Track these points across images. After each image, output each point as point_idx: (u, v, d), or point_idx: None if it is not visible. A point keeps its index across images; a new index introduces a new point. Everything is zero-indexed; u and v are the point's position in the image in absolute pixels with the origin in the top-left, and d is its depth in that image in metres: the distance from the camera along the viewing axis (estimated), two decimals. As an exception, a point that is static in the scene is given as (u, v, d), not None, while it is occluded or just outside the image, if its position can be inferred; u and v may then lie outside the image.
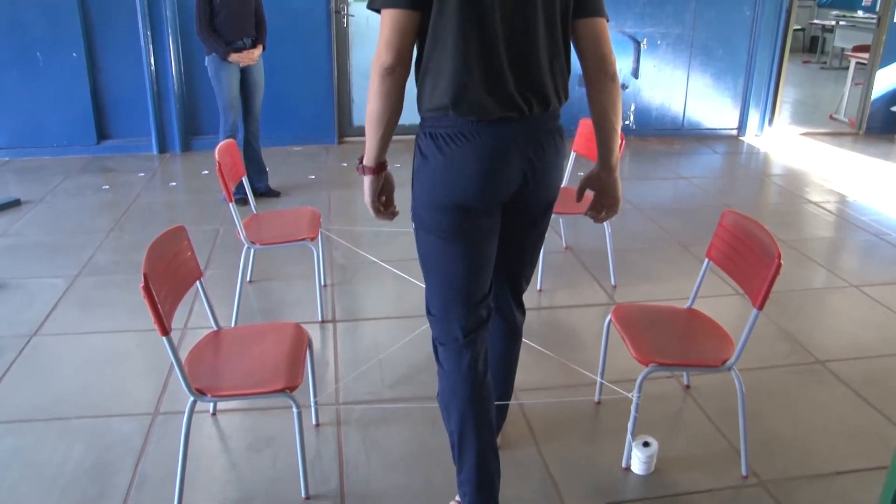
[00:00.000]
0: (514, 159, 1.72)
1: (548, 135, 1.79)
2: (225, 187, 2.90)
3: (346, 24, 6.08)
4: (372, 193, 1.84)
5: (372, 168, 1.79)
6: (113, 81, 5.88)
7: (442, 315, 1.86)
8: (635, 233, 4.36)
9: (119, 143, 6.01)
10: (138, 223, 4.41)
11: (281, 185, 5.09)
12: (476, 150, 1.68)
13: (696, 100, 6.82)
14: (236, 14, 4.35)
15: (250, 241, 3.04)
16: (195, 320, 3.18)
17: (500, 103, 1.67)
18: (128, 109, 5.95)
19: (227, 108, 4.48)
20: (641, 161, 6.08)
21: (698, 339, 2.28)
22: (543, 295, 3.49)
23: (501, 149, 1.70)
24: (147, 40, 5.72)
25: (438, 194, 1.74)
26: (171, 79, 5.84)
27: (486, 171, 1.70)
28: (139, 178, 5.34)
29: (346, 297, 3.46)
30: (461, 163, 1.69)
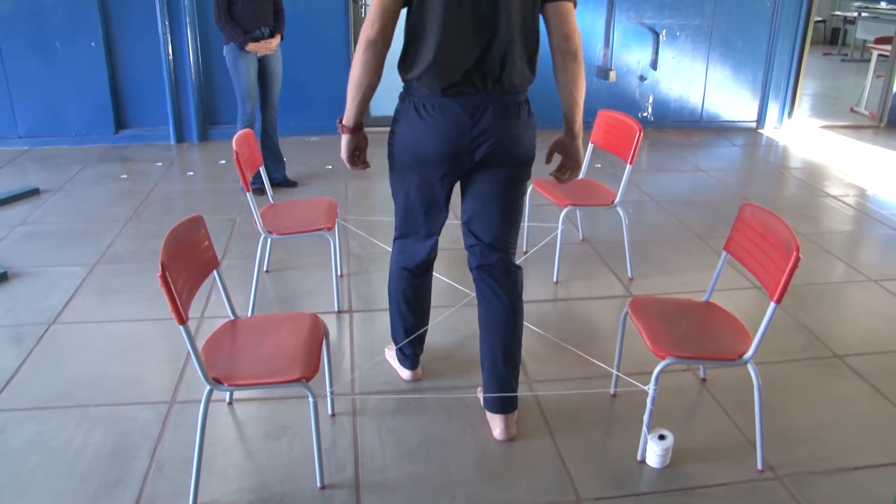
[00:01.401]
0: (465, 126, 2.06)
1: (506, 107, 2.08)
2: (242, 177, 2.90)
3: (363, 12, 6.08)
4: (348, 150, 2.24)
5: (349, 128, 2.17)
6: (131, 70, 5.91)
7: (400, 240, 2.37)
8: (653, 225, 4.33)
9: (137, 132, 6.05)
10: (156, 212, 4.44)
11: (298, 174, 5.10)
12: (437, 120, 2.05)
13: (714, 92, 6.76)
14: (255, 3, 4.34)
15: (267, 231, 3.05)
16: (212, 309, 3.19)
17: (463, 81, 2.00)
18: (145, 99, 5.98)
19: (245, 97, 4.48)
20: (659, 153, 6.03)
21: (715, 333, 2.27)
22: (560, 287, 3.48)
23: (457, 117, 2.04)
24: (165, 29, 5.74)
25: (405, 145, 2.13)
26: (188, 68, 5.86)
27: (441, 132, 2.06)
28: (157, 168, 5.37)
29: (362, 286, 3.47)
30: (424, 124, 2.07)
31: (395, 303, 2.50)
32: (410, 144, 2.12)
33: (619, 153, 3.42)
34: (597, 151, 3.64)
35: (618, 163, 5.30)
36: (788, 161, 5.93)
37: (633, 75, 6.58)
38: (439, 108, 2.05)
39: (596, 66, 6.49)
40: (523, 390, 2.63)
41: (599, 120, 3.62)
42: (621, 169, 3.38)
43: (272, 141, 4.76)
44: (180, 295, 1.81)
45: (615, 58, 6.46)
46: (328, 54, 6.04)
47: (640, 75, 6.57)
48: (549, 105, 6.73)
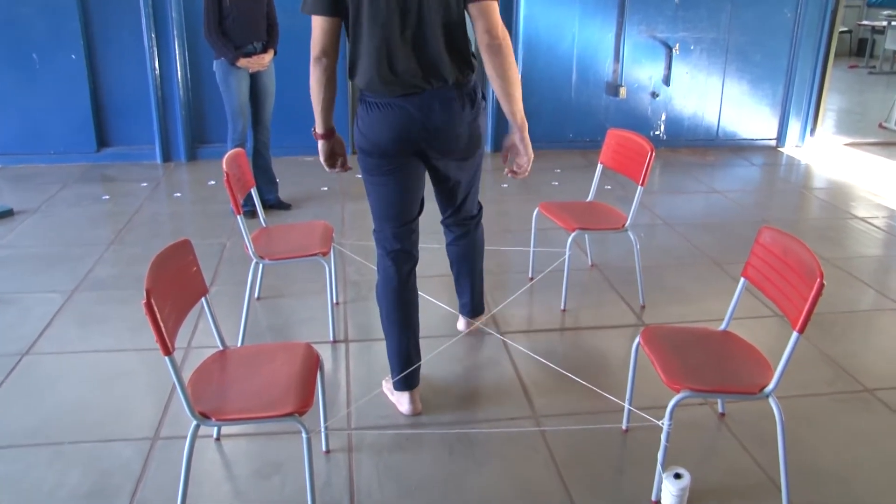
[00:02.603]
0: (414, 122, 2.38)
1: (447, 101, 2.38)
2: (233, 199, 2.93)
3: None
4: (323, 154, 2.62)
5: (321, 134, 2.58)
6: (114, 85, 5.97)
7: (377, 231, 2.63)
8: (665, 250, 4.35)
9: (120, 150, 6.10)
10: (140, 235, 4.47)
11: (292, 196, 5.13)
12: (387, 115, 2.39)
13: (731, 108, 6.81)
14: (247, 17, 4.41)
15: (259, 256, 3.07)
16: (200, 339, 3.20)
17: (402, 84, 2.33)
18: (130, 115, 6.03)
19: (236, 115, 4.53)
20: (672, 174, 6.06)
21: (734, 364, 2.27)
22: (567, 315, 3.49)
23: (404, 115, 2.37)
24: (151, 42, 5.80)
25: (366, 143, 2.46)
26: (176, 84, 5.92)
27: (394, 129, 2.39)
28: (142, 188, 5.41)
29: (359, 315, 3.48)
30: (378, 123, 2.40)
31: (384, 316, 2.65)
32: (367, 135, 2.45)
33: (629, 174, 3.44)
34: (606, 172, 3.66)
35: (628, 184, 5.33)
36: (811, 181, 5.95)
37: (644, 92, 6.64)
38: (390, 106, 2.38)
39: (605, 83, 6.55)
40: (529, 425, 2.63)
41: (609, 139, 3.65)
42: (632, 191, 3.40)
43: (264, 161, 4.80)
44: (166, 324, 1.82)
45: (625, 73, 6.53)
46: (324, 70, 6.10)
47: (652, 92, 6.63)
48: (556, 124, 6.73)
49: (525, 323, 3.44)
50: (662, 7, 6.43)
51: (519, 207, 5.01)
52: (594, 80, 6.53)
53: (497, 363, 3.07)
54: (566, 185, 5.62)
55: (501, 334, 3.28)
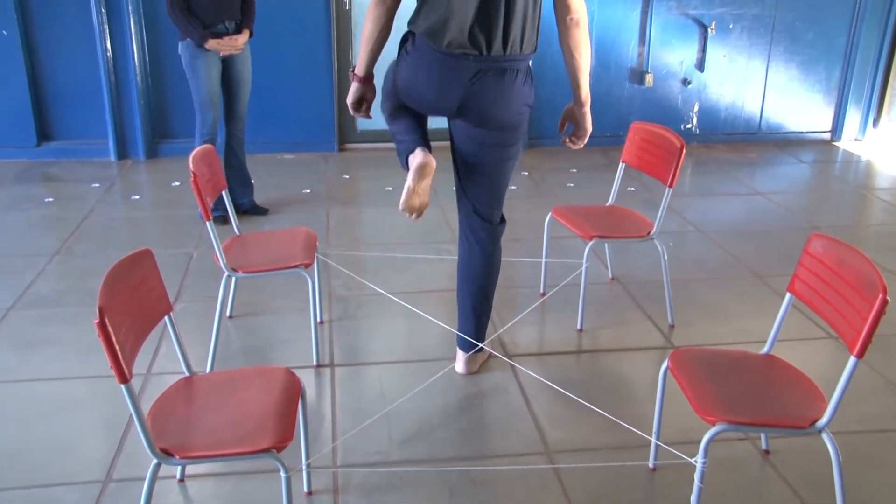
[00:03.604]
0: (457, 84, 2.65)
1: (499, 73, 2.65)
2: (201, 202, 2.93)
3: (348, 6, 6.17)
4: (355, 96, 2.86)
5: (360, 77, 2.82)
6: (58, 69, 5.93)
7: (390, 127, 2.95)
8: (698, 260, 4.34)
9: (66, 145, 6.09)
10: (92, 245, 4.46)
11: (269, 200, 5.14)
12: (435, 67, 2.64)
13: (777, 96, 6.82)
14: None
15: (231, 268, 3.07)
16: (162, 364, 3.19)
17: (468, 42, 2.58)
18: (78, 105, 6.02)
19: (205, 105, 4.53)
20: (706, 173, 6.07)
21: (779, 393, 2.26)
22: (585, 335, 3.48)
23: (451, 73, 2.63)
24: (102, 18, 5.76)
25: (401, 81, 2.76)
26: (132, 68, 5.90)
27: (437, 81, 2.67)
28: (92, 190, 5.41)
29: (346, 336, 3.47)
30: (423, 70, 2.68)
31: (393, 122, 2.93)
32: (405, 82, 2.75)
33: (656, 174, 3.44)
34: (629, 172, 3.67)
35: (655, 186, 5.33)
36: (872, 180, 5.95)
37: (674, 79, 6.65)
38: (442, 62, 2.63)
39: (629, 69, 6.57)
40: (541, 462, 2.62)
41: (633, 134, 3.66)
42: (659, 193, 3.40)
43: (238, 159, 4.80)
44: (122, 346, 1.81)
45: (652, 58, 6.54)
46: (307, 55, 6.12)
47: (684, 78, 6.64)
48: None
49: (536, 345, 3.43)
50: (696, -20, 6.45)
51: (528, 212, 5.02)
52: (616, 66, 6.54)
53: (504, 391, 3.06)
54: (583, 187, 5.62)
55: (509, 357, 3.27)
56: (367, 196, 5.56)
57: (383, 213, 5.06)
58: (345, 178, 5.78)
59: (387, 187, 5.50)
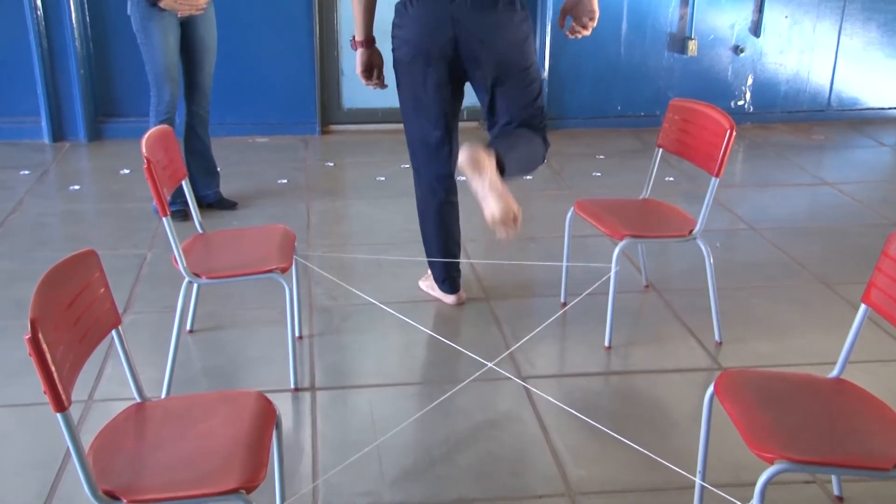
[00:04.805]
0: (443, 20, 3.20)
1: (491, 8, 3.20)
2: (156, 194, 2.93)
3: (332, -41, 6.20)
4: (363, 64, 3.40)
5: (362, 41, 3.37)
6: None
7: (413, 148, 3.55)
8: (750, 264, 4.34)
9: (-13, 124, 6.10)
10: (20, 245, 4.47)
11: (239, 192, 5.15)
12: (418, 19, 3.24)
13: (851, 66, 6.81)
14: None
15: (193, 273, 3.06)
16: (107, 388, 3.19)
17: None
18: (1, 76, 6.01)
19: (161, 78, 4.52)
20: (762, 158, 6.07)
21: (853, 425, 2.25)
22: (614, 354, 3.48)
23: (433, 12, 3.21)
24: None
25: (401, 42, 3.31)
26: (69, 31, 5.89)
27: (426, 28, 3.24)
28: (21, 178, 5.42)
29: (330, 353, 3.48)
30: (418, 18, 3.24)
31: (429, 221, 3.63)
32: (404, 39, 3.29)
33: (700, 161, 3.43)
34: (668, 159, 3.67)
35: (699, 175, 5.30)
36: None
37: (723, 46, 6.65)
38: (423, 5, 3.20)
39: (668, 35, 6.58)
40: (564, 503, 2.62)
41: (672, 113, 3.65)
42: (704, 184, 3.40)
43: (202, 143, 4.81)
44: (60, 367, 1.81)
45: (697, 21, 6.55)
46: (283, 17, 6.14)
47: (735, 45, 6.64)
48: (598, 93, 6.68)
49: (556, 364, 3.44)
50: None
51: (547, 206, 5.02)
52: (652, 32, 6.56)
53: (517, 419, 3.06)
54: (612, 177, 5.63)
55: (523, 379, 3.27)
56: (355, 187, 5.57)
57: (373, 207, 5.07)
58: (328, 166, 5.79)
59: (378, 176, 5.50)
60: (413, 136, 3.52)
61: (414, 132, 3.51)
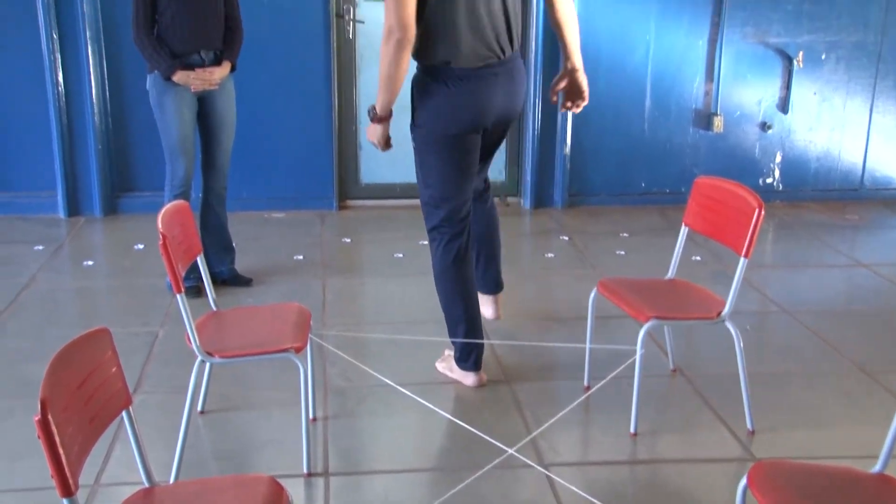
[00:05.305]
0: (498, 92, 3.53)
1: (519, 69, 3.63)
2: (171, 271, 2.95)
3: (351, 33, 6.30)
4: (384, 136, 3.60)
5: (387, 116, 3.55)
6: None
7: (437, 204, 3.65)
8: (784, 349, 4.31)
9: (3, 198, 6.19)
10: (31, 321, 4.49)
11: (254, 268, 5.17)
12: (470, 87, 3.47)
13: (883, 144, 6.84)
14: (192, 13, 4.44)
15: (206, 352, 3.07)
16: (115, 472, 3.18)
17: (484, 55, 3.45)
18: (21, 150, 6.13)
19: (175, 152, 4.57)
20: (793, 239, 6.06)
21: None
22: (640, 442, 3.45)
23: (489, 86, 3.50)
24: (53, 46, 5.88)
25: (441, 116, 3.50)
26: (89, 106, 6.00)
27: (480, 100, 3.50)
28: (35, 254, 5.47)
29: (344, 436, 3.46)
30: (461, 95, 3.47)
31: (453, 289, 3.72)
32: (443, 115, 3.50)
33: (727, 241, 3.43)
34: (694, 238, 3.68)
35: (726, 255, 5.28)
36: None
37: (750, 122, 6.70)
38: (473, 79, 3.46)
39: (693, 111, 6.63)
40: None
41: (698, 191, 3.66)
42: (732, 264, 3.40)
43: (218, 219, 4.85)
44: (68, 450, 1.81)
45: (723, 97, 6.61)
46: (301, 92, 6.23)
47: (763, 122, 6.69)
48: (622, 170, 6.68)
49: (579, 452, 3.41)
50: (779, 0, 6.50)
51: (570, 285, 5.02)
52: (677, 108, 6.62)
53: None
54: (636, 256, 5.63)
55: (545, 467, 3.24)
56: (372, 264, 5.60)
57: (390, 284, 5.09)
58: (345, 242, 5.82)
59: (395, 253, 5.53)
60: (443, 198, 3.63)
61: (447, 195, 3.62)
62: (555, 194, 6.55)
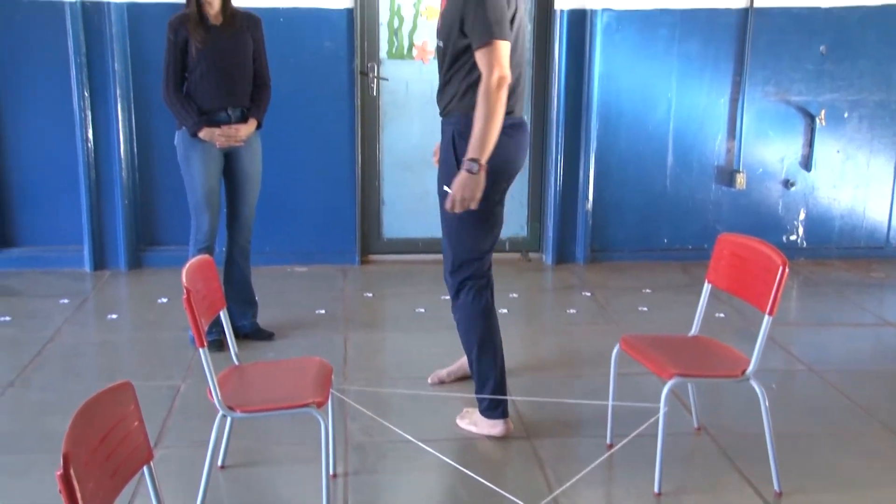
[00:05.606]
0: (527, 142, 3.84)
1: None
2: (194, 325, 2.96)
3: (375, 90, 6.37)
4: (482, 189, 3.46)
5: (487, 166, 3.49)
6: (29, 161, 6.12)
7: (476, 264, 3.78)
8: (811, 408, 4.27)
9: (32, 252, 6.23)
10: (54, 375, 4.50)
11: (275, 322, 5.18)
12: (519, 135, 3.70)
13: (909, 201, 6.82)
14: (221, 72, 4.53)
15: (227, 406, 3.07)
16: (136, 524, 3.18)
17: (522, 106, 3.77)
18: (49, 204, 6.18)
19: (200, 207, 4.62)
20: (818, 296, 6.03)
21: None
22: (664, 502, 3.40)
23: (527, 136, 3.82)
24: (84, 104, 5.97)
25: (506, 166, 3.64)
26: (117, 161, 6.07)
27: (523, 147, 3.77)
28: (60, 307, 5.50)
29: (365, 492, 3.45)
30: (513, 143, 3.65)
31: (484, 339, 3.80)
32: (504, 162, 3.61)
33: (751, 298, 3.42)
34: (717, 295, 3.67)
35: (750, 312, 5.27)
36: None
37: (773, 180, 6.70)
38: (519, 127, 3.70)
39: (715, 168, 6.64)
40: None
41: (721, 247, 3.66)
42: (756, 321, 3.38)
43: (241, 273, 4.88)
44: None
45: (745, 154, 6.62)
46: (325, 148, 6.29)
47: (786, 179, 6.69)
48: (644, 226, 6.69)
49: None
50: (801, 58, 6.52)
51: (591, 342, 5.00)
52: (699, 164, 6.64)
53: (563, 571, 2.99)
54: (659, 312, 5.61)
55: (570, 527, 3.21)
56: (394, 319, 5.60)
57: (412, 339, 5.09)
58: (367, 297, 5.83)
59: (417, 308, 5.54)
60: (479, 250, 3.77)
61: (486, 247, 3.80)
62: (577, 250, 6.55)
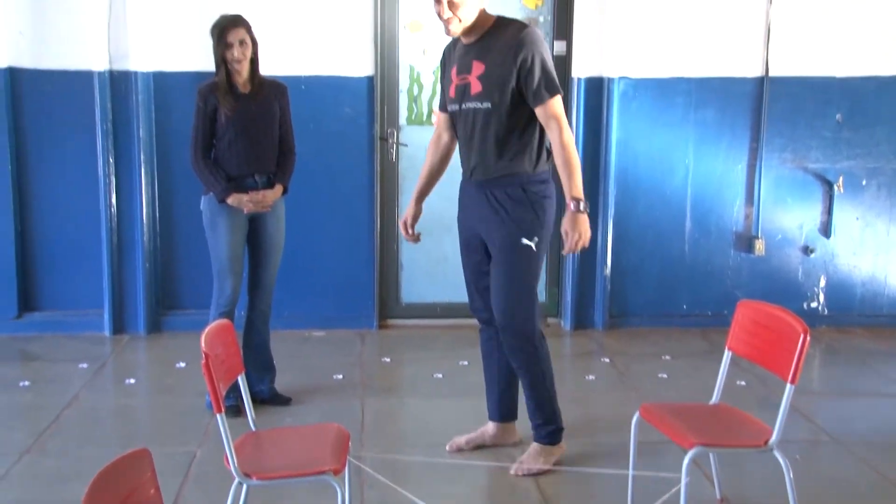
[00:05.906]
0: None
1: None
2: (212, 390, 2.95)
3: (394, 155, 6.43)
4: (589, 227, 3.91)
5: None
6: (52, 226, 6.16)
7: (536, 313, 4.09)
8: (836, 480, 4.22)
9: (53, 317, 6.24)
10: (71, 441, 4.49)
11: (293, 387, 5.17)
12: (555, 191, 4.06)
13: (932, 267, 6.77)
14: (249, 139, 4.58)
15: (244, 473, 3.05)
16: None
17: None
18: (71, 268, 6.20)
19: (224, 272, 4.65)
20: (841, 365, 5.98)
21: None
22: (689, 574, 3.36)
23: None
24: (109, 170, 6.02)
25: (551, 227, 3.98)
26: (139, 226, 6.10)
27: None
28: (79, 371, 5.50)
29: (380, 564, 3.41)
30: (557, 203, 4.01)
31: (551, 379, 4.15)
32: (553, 220, 3.97)
33: (772, 366, 3.40)
34: (738, 362, 3.65)
35: (772, 381, 5.21)
36: None
37: (792, 246, 6.68)
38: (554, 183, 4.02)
39: (733, 234, 6.63)
40: None
41: (741, 315, 3.64)
42: (778, 390, 3.35)
43: (261, 337, 4.89)
44: (107, 574, 1.80)
45: (763, 221, 6.60)
46: (344, 214, 6.32)
47: (805, 246, 6.66)
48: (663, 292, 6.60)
49: (625, 583, 3.32)
50: (817, 126, 6.52)
51: (611, 410, 4.97)
52: (717, 231, 6.63)
53: None
54: (679, 380, 5.58)
55: None
56: (412, 384, 5.58)
57: (430, 406, 5.07)
58: (385, 362, 5.82)
59: (435, 374, 5.52)
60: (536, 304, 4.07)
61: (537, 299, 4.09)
62: (595, 316, 6.52)
